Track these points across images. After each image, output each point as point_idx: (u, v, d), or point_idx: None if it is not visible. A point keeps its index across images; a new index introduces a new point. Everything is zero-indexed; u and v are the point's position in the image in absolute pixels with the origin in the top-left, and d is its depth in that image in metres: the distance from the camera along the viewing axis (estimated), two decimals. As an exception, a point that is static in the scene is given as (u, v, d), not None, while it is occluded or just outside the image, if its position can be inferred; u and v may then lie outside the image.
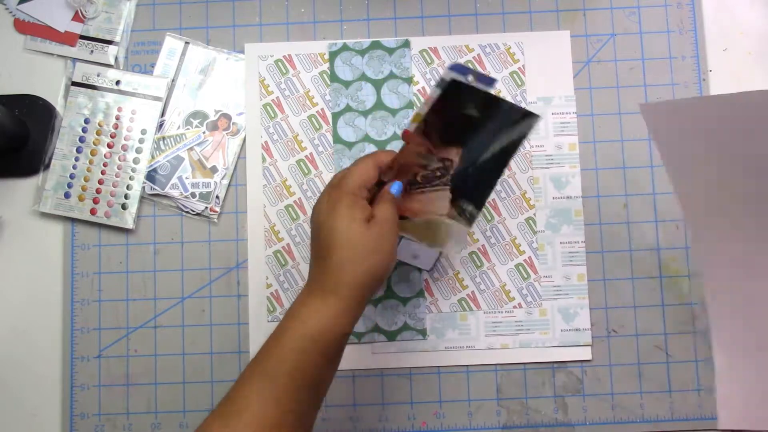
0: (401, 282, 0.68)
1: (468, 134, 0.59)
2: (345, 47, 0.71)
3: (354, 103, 0.70)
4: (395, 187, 0.57)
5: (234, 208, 0.70)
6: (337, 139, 0.70)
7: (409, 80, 0.70)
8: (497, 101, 0.59)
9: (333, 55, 0.71)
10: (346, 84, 0.71)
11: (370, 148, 0.70)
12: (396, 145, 0.70)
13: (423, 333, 0.68)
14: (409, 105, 0.70)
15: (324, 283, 0.52)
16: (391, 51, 0.71)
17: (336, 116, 0.70)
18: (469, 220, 0.59)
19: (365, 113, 0.70)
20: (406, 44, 0.71)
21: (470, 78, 0.57)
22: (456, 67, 0.57)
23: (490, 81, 0.58)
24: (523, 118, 0.58)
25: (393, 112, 0.70)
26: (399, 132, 0.70)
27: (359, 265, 0.52)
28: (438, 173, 0.60)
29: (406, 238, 0.60)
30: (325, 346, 0.51)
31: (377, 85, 0.71)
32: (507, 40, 0.71)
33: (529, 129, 0.58)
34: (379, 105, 0.70)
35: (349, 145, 0.70)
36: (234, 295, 0.69)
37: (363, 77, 0.71)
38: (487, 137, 0.59)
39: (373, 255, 0.53)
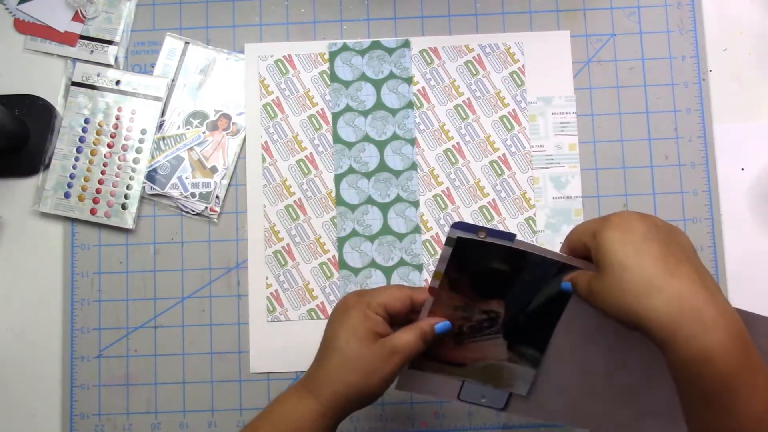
0: (401, 281, 0.68)
1: (505, 287, 0.54)
2: (345, 47, 0.71)
3: (354, 103, 0.70)
4: (441, 326, 0.53)
5: (234, 208, 0.70)
6: (337, 139, 0.70)
7: (409, 80, 0.70)
8: (525, 255, 0.52)
9: (333, 55, 0.71)
10: (346, 84, 0.71)
11: (370, 148, 0.70)
12: (395, 146, 0.70)
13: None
14: (409, 105, 0.70)
15: (309, 383, 0.52)
16: (391, 51, 0.71)
17: (336, 116, 0.70)
18: (533, 362, 0.54)
19: (365, 113, 0.70)
20: (406, 44, 0.71)
21: (482, 235, 0.52)
22: (459, 225, 0.52)
23: (508, 236, 0.52)
24: (562, 271, 0.51)
25: (393, 112, 0.70)
26: (399, 132, 0.70)
27: (345, 377, 0.51)
28: (485, 324, 0.55)
29: (470, 381, 0.56)
30: None
31: (377, 85, 0.71)
32: (507, 40, 0.71)
33: (568, 295, 0.52)
34: (379, 105, 0.70)
35: (349, 145, 0.70)
36: (234, 295, 0.69)
37: (363, 77, 0.71)
38: (528, 289, 0.53)
39: (364, 373, 0.51)
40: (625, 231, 0.44)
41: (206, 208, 0.69)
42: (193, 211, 0.70)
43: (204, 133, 0.70)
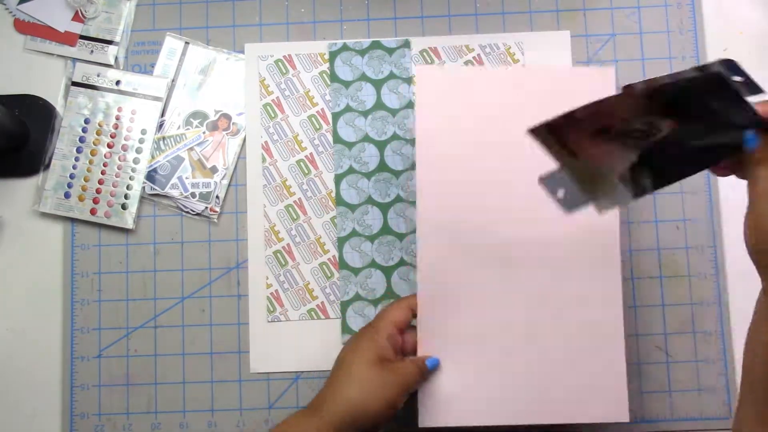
0: (401, 281, 0.68)
1: (694, 117, 0.51)
2: (345, 47, 0.71)
3: (354, 103, 0.70)
4: (430, 362, 0.59)
5: (234, 208, 0.70)
6: (337, 139, 0.70)
7: (409, 80, 0.70)
8: (737, 95, 0.50)
9: (333, 55, 0.71)
10: (346, 84, 0.71)
11: (370, 148, 0.70)
12: (395, 146, 0.70)
13: None
14: (409, 105, 0.70)
15: (314, 402, 0.56)
16: (391, 51, 0.71)
17: (336, 116, 0.70)
18: (638, 192, 0.51)
19: (365, 113, 0.70)
20: (406, 44, 0.71)
21: (738, 80, 0.50)
22: (729, 64, 0.49)
23: (757, 89, 0.49)
24: (747, 127, 0.50)
25: (393, 112, 0.70)
26: (399, 132, 0.70)
27: (347, 394, 0.54)
28: (636, 134, 0.52)
29: (564, 171, 0.52)
30: None
31: (377, 85, 0.71)
32: (507, 40, 0.71)
33: (739, 139, 0.50)
34: (379, 105, 0.70)
35: (349, 145, 0.70)
36: (234, 295, 0.69)
37: (363, 77, 0.71)
38: (709, 128, 0.51)
39: (365, 393, 0.54)
40: None
41: (206, 208, 0.69)
42: (193, 211, 0.70)
43: (204, 133, 0.70)
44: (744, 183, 0.70)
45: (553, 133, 0.51)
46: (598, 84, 0.65)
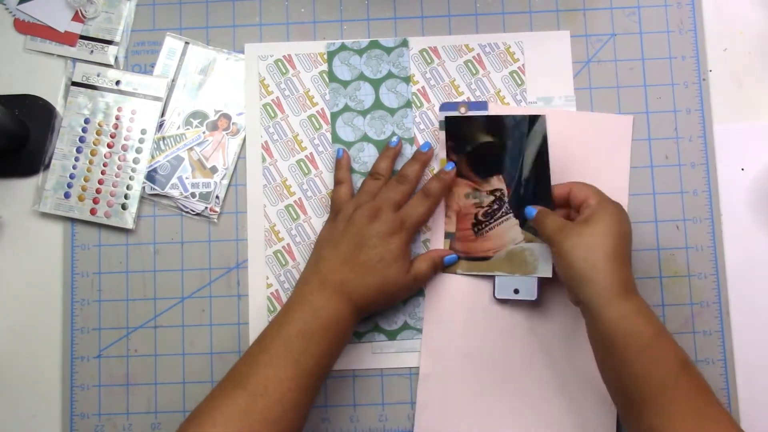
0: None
1: (497, 159, 0.65)
2: (343, 47, 0.71)
3: (352, 102, 0.70)
4: (450, 258, 0.66)
5: (234, 208, 0.70)
6: (336, 138, 0.70)
7: (407, 79, 0.70)
8: (500, 119, 0.65)
9: (331, 55, 0.71)
10: (345, 84, 0.71)
11: (369, 148, 0.70)
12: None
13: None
14: (408, 104, 0.70)
15: (345, 288, 0.60)
16: (389, 50, 0.71)
17: (334, 116, 0.70)
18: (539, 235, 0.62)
19: (364, 113, 0.70)
20: (405, 43, 0.71)
21: (462, 110, 0.65)
22: (444, 106, 0.66)
23: (481, 105, 0.67)
24: (532, 122, 0.64)
25: (391, 111, 0.70)
26: (398, 132, 0.70)
27: (378, 292, 0.61)
28: (495, 205, 0.65)
29: (499, 275, 0.64)
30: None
31: (375, 84, 0.71)
32: (507, 40, 0.71)
33: (542, 129, 0.64)
34: (377, 104, 0.70)
35: (348, 144, 0.70)
36: (234, 295, 0.69)
37: (361, 77, 0.71)
38: (515, 154, 0.65)
39: (393, 290, 0.62)
40: (618, 225, 0.57)
41: (206, 208, 0.69)
42: (193, 211, 0.70)
43: (204, 133, 0.71)
44: (744, 180, 0.71)
45: (462, 259, 0.65)
46: (616, 130, 0.69)
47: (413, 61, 0.71)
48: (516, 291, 0.64)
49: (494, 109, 0.68)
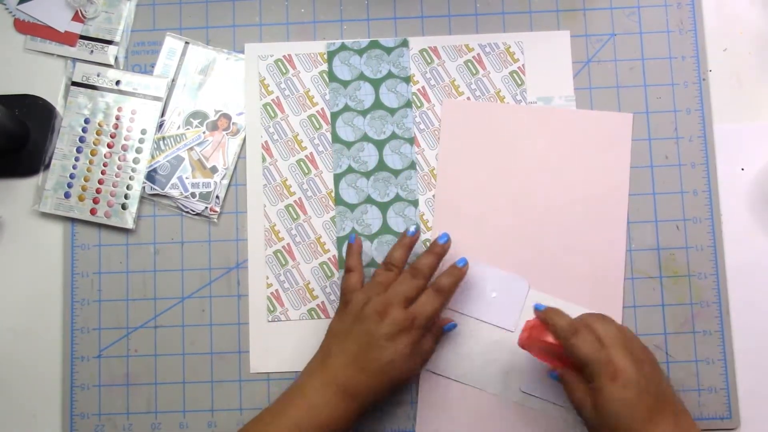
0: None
1: None
2: (343, 47, 0.71)
3: (352, 102, 0.70)
4: (448, 326, 0.65)
5: (234, 208, 0.70)
6: (336, 138, 0.70)
7: (407, 79, 0.70)
8: None
9: (331, 55, 0.71)
10: (345, 83, 0.71)
11: (369, 148, 0.70)
12: (394, 146, 0.70)
13: None
14: (408, 104, 0.70)
15: (350, 388, 0.59)
16: (389, 50, 0.71)
17: (335, 116, 0.70)
18: None
19: (364, 113, 0.70)
20: (405, 43, 0.71)
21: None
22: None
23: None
24: None
25: (391, 111, 0.70)
26: (398, 131, 0.70)
27: (386, 386, 0.60)
28: None
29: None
30: None
31: (376, 84, 0.71)
32: (507, 40, 0.71)
33: None
34: (377, 104, 0.70)
35: (348, 144, 0.70)
36: (234, 295, 0.69)
37: (361, 77, 0.71)
38: None
39: (401, 381, 0.61)
40: (625, 385, 0.54)
41: (206, 208, 0.69)
42: (193, 211, 0.70)
43: (204, 133, 0.71)
44: (743, 178, 0.71)
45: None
46: (616, 128, 0.68)
47: (413, 61, 0.71)
48: None
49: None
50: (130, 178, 0.69)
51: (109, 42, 0.71)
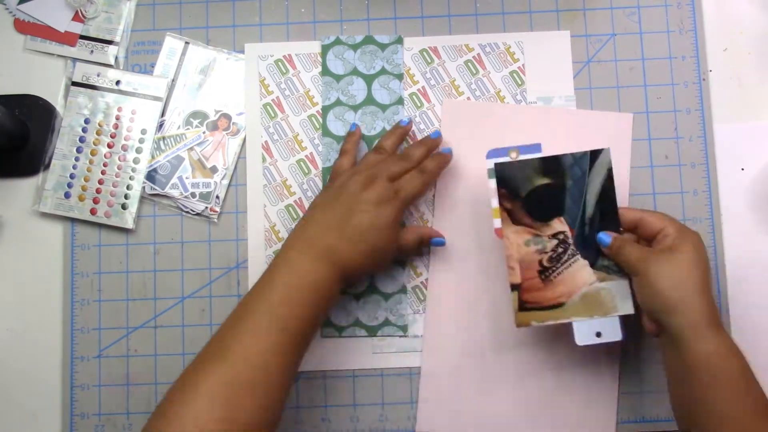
0: (384, 277, 0.68)
1: (557, 201, 0.60)
2: (338, 41, 0.71)
3: (344, 97, 0.70)
4: (438, 240, 0.66)
5: (234, 208, 0.70)
6: (326, 132, 0.70)
7: (400, 76, 0.70)
8: (557, 159, 0.60)
9: (325, 49, 0.71)
10: (338, 78, 0.71)
11: (360, 143, 0.70)
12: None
13: (404, 329, 0.68)
14: (399, 101, 0.70)
15: (331, 255, 0.58)
16: (383, 47, 0.71)
17: (326, 110, 0.70)
18: (621, 271, 0.59)
19: (355, 108, 0.70)
20: (399, 40, 0.71)
21: (513, 155, 0.61)
22: (492, 153, 0.61)
23: (534, 147, 0.61)
24: (593, 157, 0.59)
25: (383, 107, 0.70)
26: (389, 128, 0.70)
27: (367, 259, 0.59)
28: (560, 249, 0.60)
29: (577, 320, 0.59)
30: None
31: (368, 80, 0.70)
32: (507, 40, 0.71)
33: (607, 161, 0.59)
34: (369, 100, 0.70)
35: (338, 139, 0.70)
36: (234, 295, 0.69)
37: (354, 72, 0.71)
38: (576, 193, 0.60)
39: (380, 259, 0.61)
40: (703, 256, 0.57)
41: (206, 208, 0.69)
42: (193, 211, 0.70)
43: (204, 133, 0.71)
44: (744, 180, 0.71)
45: (533, 310, 0.60)
46: (616, 128, 0.69)
47: (413, 61, 0.71)
48: (598, 334, 0.59)
49: (548, 150, 0.61)
50: (130, 178, 0.69)
51: (109, 42, 0.71)
